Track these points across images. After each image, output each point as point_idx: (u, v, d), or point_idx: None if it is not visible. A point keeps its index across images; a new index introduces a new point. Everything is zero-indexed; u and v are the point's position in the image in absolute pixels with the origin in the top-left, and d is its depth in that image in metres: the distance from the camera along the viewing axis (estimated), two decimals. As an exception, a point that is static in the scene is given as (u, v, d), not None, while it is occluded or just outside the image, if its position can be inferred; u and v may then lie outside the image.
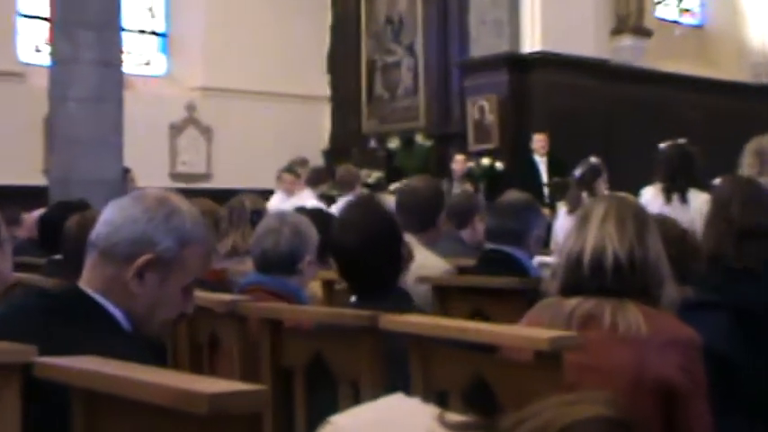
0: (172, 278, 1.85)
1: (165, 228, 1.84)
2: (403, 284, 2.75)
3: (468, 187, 10.43)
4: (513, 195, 3.95)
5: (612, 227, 2.12)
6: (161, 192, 1.93)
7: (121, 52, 7.84)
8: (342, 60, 14.18)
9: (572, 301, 2.10)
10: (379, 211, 2.74)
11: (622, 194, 2.43)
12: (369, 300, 2.58)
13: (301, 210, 4.31)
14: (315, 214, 3.94)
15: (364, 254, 2.61)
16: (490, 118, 11.47)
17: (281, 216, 3.26)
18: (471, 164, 11.24)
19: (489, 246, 3.84)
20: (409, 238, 3.31)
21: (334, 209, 7.24)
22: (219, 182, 12.85)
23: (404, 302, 2.62)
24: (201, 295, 2.54)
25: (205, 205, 4.17)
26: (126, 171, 8.03)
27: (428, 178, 4.19)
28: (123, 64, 7.89)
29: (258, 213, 4.28)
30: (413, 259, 2.83)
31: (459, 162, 10.98)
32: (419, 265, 3.31)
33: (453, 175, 10.82)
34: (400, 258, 2.69)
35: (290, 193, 9.13)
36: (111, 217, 1.86)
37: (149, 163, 11.90)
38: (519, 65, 11.43)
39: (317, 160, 12.90)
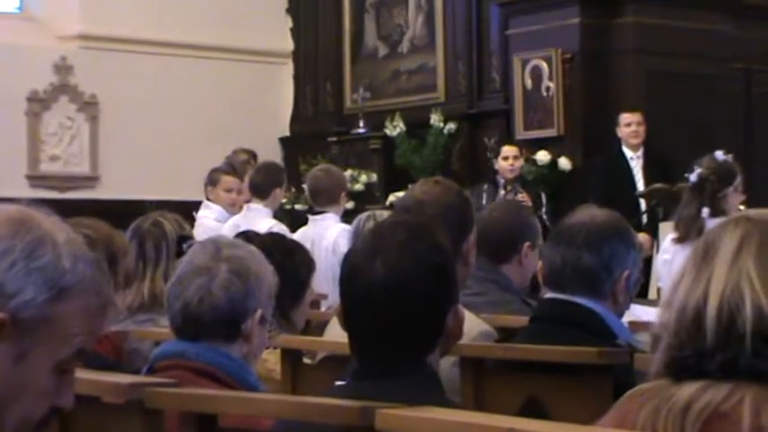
0: (36, 351, 1.86)
1: (25, 268, 1.85)
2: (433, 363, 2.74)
3: (526, 199, 10.37)
4: (588, 213, 3.96)
5: (753, 265, 2.12)
6: (18, 209, 1.93)
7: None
8: (311, -7, 14.25)
9: (687, 388, 2.10)
10: (434, 241, 2.74)
11: (768, 213, 2.43)
12: (370, 380, 2.59)
13: (248, 235, 4.31)
14: (271, 243, 3.94)
15: (392, 297, 2.61)
16: (551, 87, 11.50)
17: (215, 246, 3.25)
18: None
19: (550, 294, 3.86)
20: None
21: (304, 235, 7.23)
22: (112, 189, 12.87)
23: (429, 389, 2.61)
24: (87, 377, 2.53)
25: (95, 229, 4.18)
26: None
27: (445, 183, 4.20)
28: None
29: (186, 241, 4.30)
30: (460, 338, 2.83)
31: (510, 158, 10.73)
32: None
33: (498, 180, 10.71)
34: (443, 324, 2.68)
35: (231, 206, 9.07)
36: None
37: (-3, 158, 11.94)
38: (599, 1, 11.48)
39: (272, 154, 12.90)
